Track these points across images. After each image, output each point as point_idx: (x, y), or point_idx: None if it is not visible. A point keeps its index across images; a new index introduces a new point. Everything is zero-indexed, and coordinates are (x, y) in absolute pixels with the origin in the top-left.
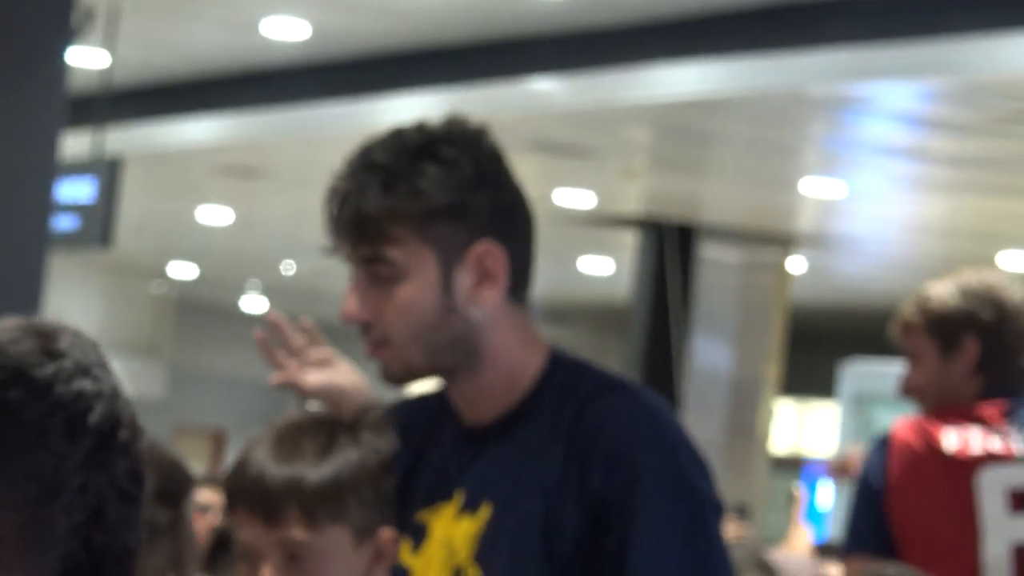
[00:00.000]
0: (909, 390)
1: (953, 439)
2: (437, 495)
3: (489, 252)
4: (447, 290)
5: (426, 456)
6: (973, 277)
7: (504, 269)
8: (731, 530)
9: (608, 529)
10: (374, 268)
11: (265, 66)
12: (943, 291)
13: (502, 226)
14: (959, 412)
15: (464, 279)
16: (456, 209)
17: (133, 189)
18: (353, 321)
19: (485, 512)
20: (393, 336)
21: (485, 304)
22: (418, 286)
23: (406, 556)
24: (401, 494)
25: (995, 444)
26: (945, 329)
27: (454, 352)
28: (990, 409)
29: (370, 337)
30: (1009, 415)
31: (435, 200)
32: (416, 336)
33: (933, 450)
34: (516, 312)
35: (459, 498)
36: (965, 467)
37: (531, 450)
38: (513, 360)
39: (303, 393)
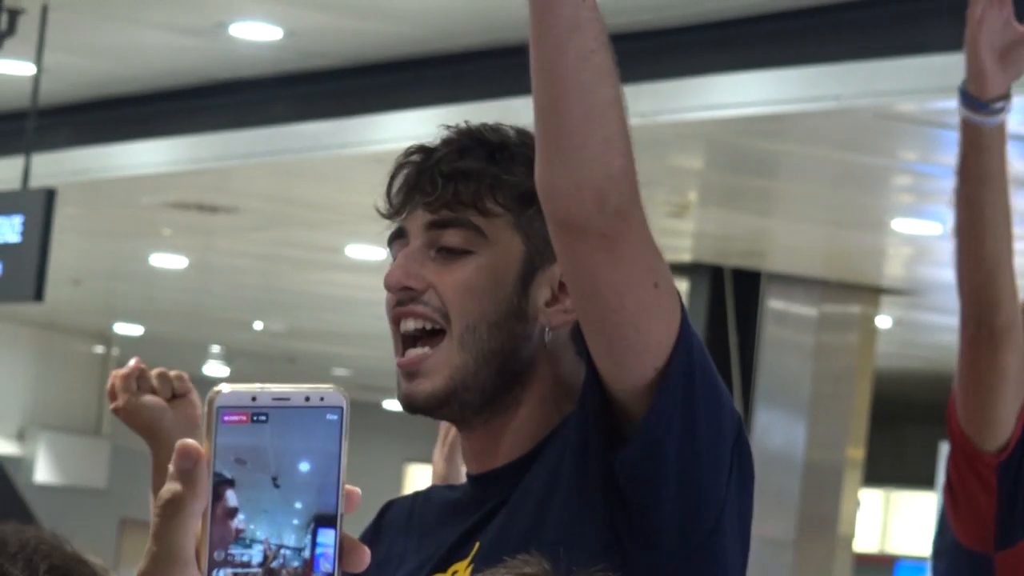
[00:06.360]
0: None
1: None
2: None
3: None
4: (523, 291)
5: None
6: None
7: None
8: None
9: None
10: (447, 235)
11: (230, 77)
12: None
13: None
14: None
15: (542, 290)
16: None
17: (68, 230)
18: (398, 288)
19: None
20: (451, 316)
21: (555, 325)
22: (495, 263)
23: None
24: None
25: None
26: None
27: (501, 373)
28: None
29: (415, 309)
30: None
31: None
32: (471, 327)
33: None
34: (572, 353)
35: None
36: None
37: (527, 501)
38: (553, 402)
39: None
